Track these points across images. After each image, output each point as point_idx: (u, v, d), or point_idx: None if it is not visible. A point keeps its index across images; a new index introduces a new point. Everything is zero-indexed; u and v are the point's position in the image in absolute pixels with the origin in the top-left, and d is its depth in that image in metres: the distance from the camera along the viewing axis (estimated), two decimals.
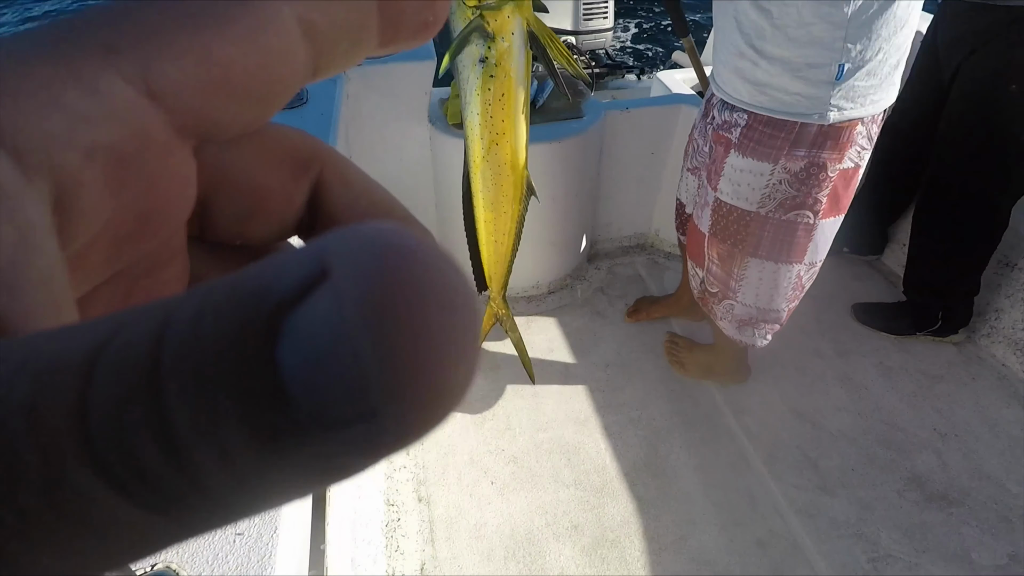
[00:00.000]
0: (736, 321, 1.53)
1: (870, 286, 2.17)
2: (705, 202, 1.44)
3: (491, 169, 1.00)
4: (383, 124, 1.83)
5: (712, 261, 1.49)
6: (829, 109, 1.17)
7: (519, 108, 0.94)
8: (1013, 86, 1.53)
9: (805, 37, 1.12)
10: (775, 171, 1.27)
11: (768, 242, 1.36)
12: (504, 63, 0.88)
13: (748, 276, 1.43)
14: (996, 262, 1.82)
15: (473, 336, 0.09)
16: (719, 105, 1.35)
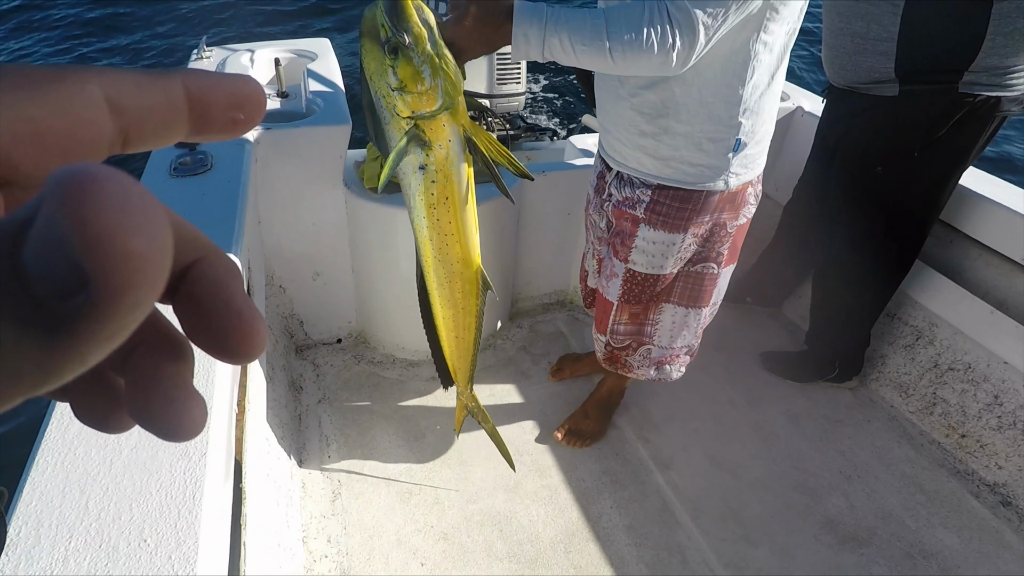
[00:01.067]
0: (654, 363, 1.60)
1: (772, 335, 2.32)
2: (613, 273, 1.50)
3: (444, 268, 1.00)
4: (296, 188, 1.77)
5: (619, 323, 1.55)
6: (729, 176, 1.28)
7: (464, 208, 0.94)
8: (879, 168, 1.72)
9: (705, 114, 1.21)
10: (685, 238, 1.36)
11: (679, 291, 1.46)
12: (444, 168, 0.89)
13: (662, 320, 1.51)
14: (885, 315, 2.00)
15: (149, 216, 0.12)
16: (615, 182, 1.40)
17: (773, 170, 2.40)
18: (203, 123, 0.18)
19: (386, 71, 0.82)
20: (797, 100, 2.28)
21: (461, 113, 0.88)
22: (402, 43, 0.80)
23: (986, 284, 1.82)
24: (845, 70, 1.72)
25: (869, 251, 1.84)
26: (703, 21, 0.98)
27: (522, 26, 0.97)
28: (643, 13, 0.98)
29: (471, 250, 0.99)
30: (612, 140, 1.35)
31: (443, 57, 0.83)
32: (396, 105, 0.84)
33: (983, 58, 1.50)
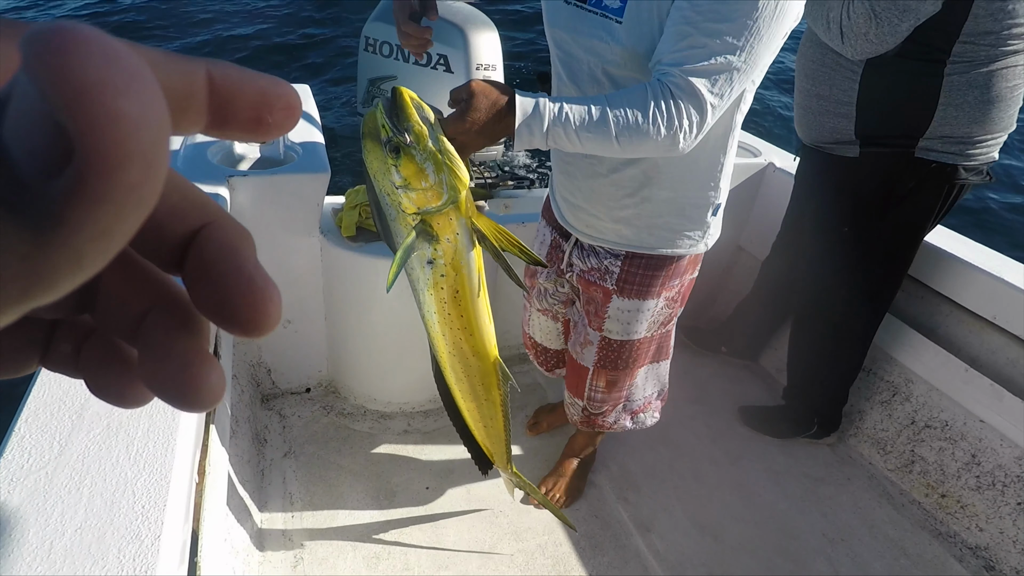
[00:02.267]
0: (628, 415, 1.60)
1: (749, 388, 2.31)
2: (587, 341, 1.48)
3: (460, 363, 0.98)
4: (271, 234, 1.72)
5: (596, 390, 1.53)
6: (708, 238, 1.30)
7: (476, 300, 0.92)
8: (845, 228, 1.76)
9: (690, 181, 1.21)
10: (658, 303, 1.37)
11: (652, 352, 1.50)
12: (453, 261, 0.87)
13: (636, 381, 1.53)
14: (863, 371, 2.01)
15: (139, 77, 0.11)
16: (576, 252, 1.38)
17: (747, 224, 2.45)
18: (224, 116, 0.16)
19: (389, 170, 0.81)
20: (768, 156, 2.34)
21: (467, 205, 0.87)
22: (403, 142, 0.79)
23: (959, 341, 1.84)
24: (812, 129, 1.77)
25: (841, 308, 1.86)
26: (711, 102, 0.97)
27: (525, 119, 0.94)
28: (648, 97, 0.96)
29: (486, 343, 0.96)
30: (582, 215, 1.31)
31: (446, 153, 0.82)
32: (401, 202, 0.82)
33: (936, 127, 1.56)
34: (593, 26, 1.09)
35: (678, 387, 2.29)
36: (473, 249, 0.88)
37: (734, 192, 2.31)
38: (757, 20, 0.94)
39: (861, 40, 1.51)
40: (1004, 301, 1.68)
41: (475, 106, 0.92)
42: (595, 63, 1.12)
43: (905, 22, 1.44)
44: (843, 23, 1.52)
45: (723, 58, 0.94)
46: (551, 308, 1.60)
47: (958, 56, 1.50)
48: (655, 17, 1.02)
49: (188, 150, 1.70)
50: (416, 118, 0.79)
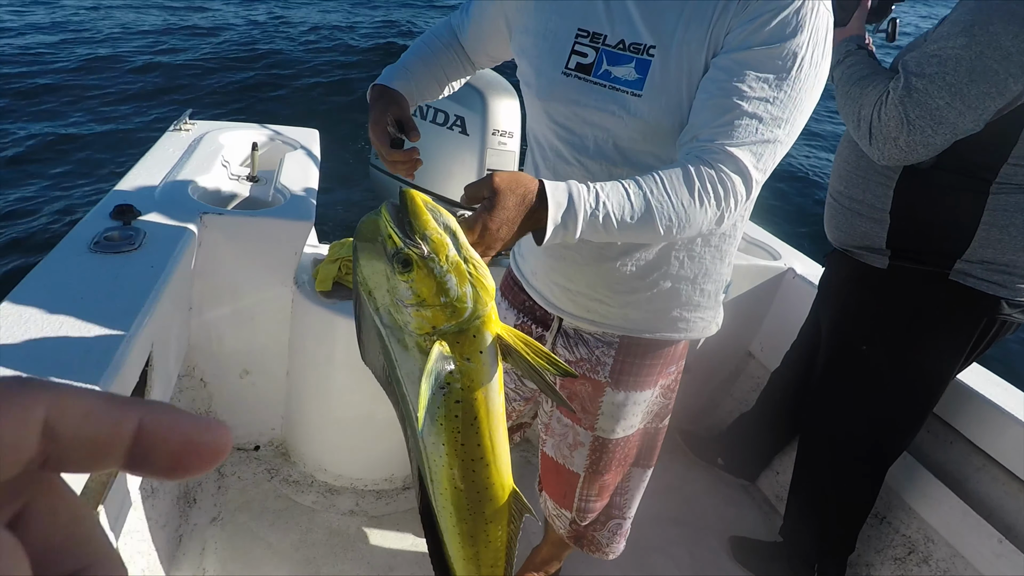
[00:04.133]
0: (623, 534, 1.41)
1: (744, 513, 2.07)
2: (576, 443, 1.29)
3: (468, 499, 0.85)
4: (241, 278, 1.61)
5: (589, 499, 1.34)
6: (718, 318, 1.19)
7: (497, 426, 0.80)
8: (864, 347, 1.57)
9: (709, 259, 1.10)
10: (654, 392, 1.23)
11: (645, 450, 1.32)
12: (473, 385, 0.75)
13: (630, 487, 1.35)
14: (873, 516, 1.77)
15: None
16: (561, 340, 1.21)
17: (760, 329, 2.27)
18: (137, 463, 0.17)
19: (396, 287, 0.70)
20: (789, 260, 2.18)
21: (493, 318, 0.75)
22: (419, 255, 0.68)
23: (991, 501, 1.60)
24: (841, 231, 1.61)
25: (853, 438, 1.65)
26: (756, 178, 0.88)
27: (559, 213, 0.80)
28: (692, 177, 0.85)
29: (504, 472, 0.85)
30: (583, 300, 1.16)
31: (471, 261, 0.71)
32: (411, 323, 0.71)
33: (977, 248, 1.39)
34: (601, 100, 0.97)
35: (665, 500, 2.06)
36: (498, 366, 0.77)
37: (748, 294, 2.14)
38: (800, 91, 0.87)
39: (890, 145, 1.37)
40: None
41: (502, 204, 0.77)
42: (603, 138, 1.00)
43: (939, 136, 1.31)
44: (872, 123, 1.39)
45: (769, 132, 0.86)
46: (508, 404, 1.40)
47: (1006, 178, 1.34)
48: (683, 88, 0.92)
49: (168, 184, 1.62)
50: (434, 226, 0.69)
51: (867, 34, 1.63)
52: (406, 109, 1.06)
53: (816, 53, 0.87)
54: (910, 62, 1.34)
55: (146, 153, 1.82)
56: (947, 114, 1.28)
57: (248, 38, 7.47)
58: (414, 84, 1.14)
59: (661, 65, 0.92)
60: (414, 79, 1.14)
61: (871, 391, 1.59)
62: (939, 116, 1.29)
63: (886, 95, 1.36)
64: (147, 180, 1.62)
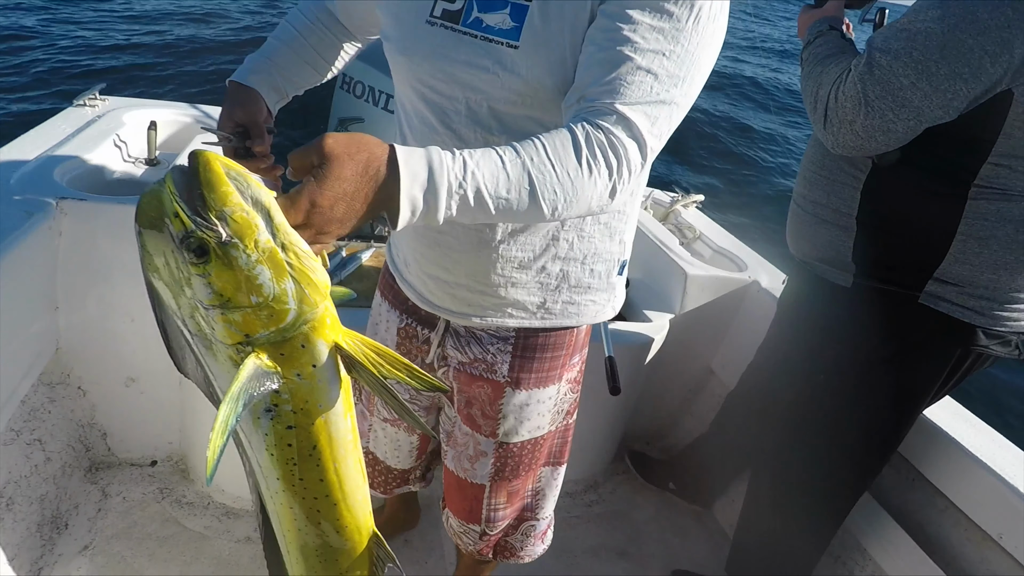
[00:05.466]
0: (539, 538, 1.31)
1: (693, 543, 1.90)
2: (479, 453, 1.16)
3: (316, 546, 0.74)
4: (115, 273, 1.40)
5: (496, 508, 1.22)
6: (615, 301, 1.09)
7: (344, 457, 0.68)
8: (821, 376, 1.39)
9: (599, 238, 0.99)
10: (560, 388, 1.12)
11: (556, 448, 1.22)
12: (308, 407, 0.62)
13: (544, 487, 1.26)
14: (827, 555, 1.60)
15: None
16: (452, 341, 1.08)
17: (721, 345, 2.10)
18: None
19: (190, 281, 0.55)
20: (755, 272, 2.00)
21: (329, 322, 0.60)
22: (215, 239, 0.53)
23: (951, 548, 1.44)
24: (803, 240, 1.42)
25: (807, 475, 1.48)
26: (651, 145, 0.74)
27: (416, 186, 0.61)
28: (579, 142, 0.69)
29: (358, 512, 0.73)
30: (463, 294, 1.01)
31: (291, 249, 0.56)
32: (218, 330, 0.57)
33: (952, 263, 1.20)
34: (472, 53, 0.81)
35: (609, 529, 1.89)
36: (339, 382, 0.64)
37: (709, 306, 1.97)
38: (698, 47, 0.74)
39: (845, 129, 1.18)
40: (1016, 520, 1.29)
41: (335, 174, 0.58)
42: (477, 100, 0.83)
43: (901, 121, 1.12)
44: (829, 104, 1.20)
45: (665, 91, 0.73)
46: (395, 418, 1.25)
47: (986, 180, 1.15)
48: (566, 40, 0.77)
49: (36, 166, 1.42)
50: (236, 200, 0.54)
51: (847, 20, 1.44)
52: (254, 112, 0.90)
53: (715, 5, 0.75)
54: (876, 38, 1.15)
55: (32, 130, 1.62)
56: (911, 95, 1.09)
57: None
58: (278, 75, 0.97)
59: (540, 11, 0.78)
60: (277, 69, 0.97)
61: (830, 425, 1.41)
62: (902, 97, 1.10)
63: (847, 73, 1.17)
64: (15, 159, 1.42)
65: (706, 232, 2.23)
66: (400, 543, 1.67)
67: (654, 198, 2.34)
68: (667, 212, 2.31)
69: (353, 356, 0.62)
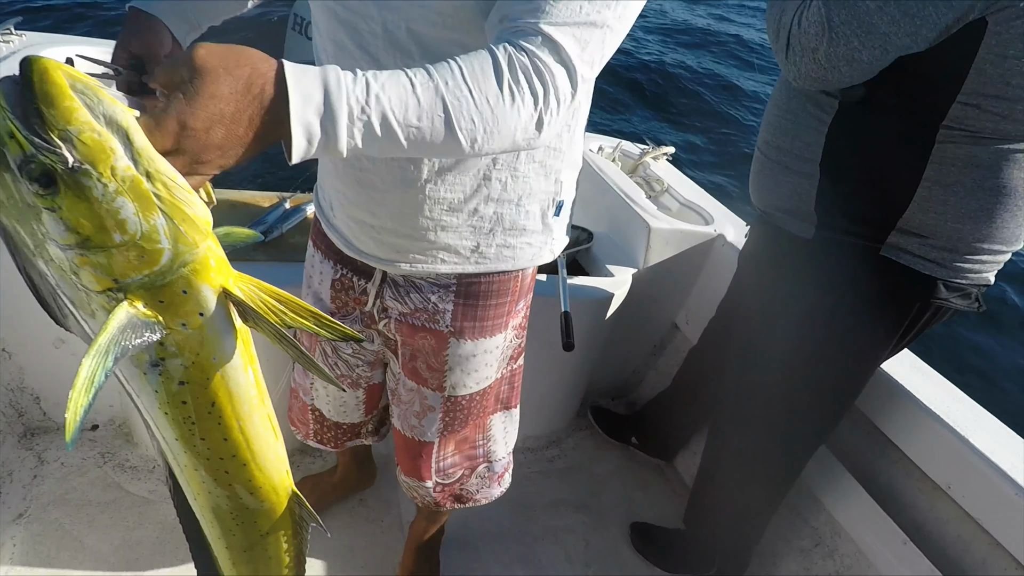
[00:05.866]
0: (495, 479, 1.30)
1: (654, 497, 1.91)
2: (426, 408, 1.14)
3: (229, 508, 0.69)
4: None
5: (445, 458, 1.21)
6: (554, 244, 1.05)
7: (250, 414, 0.63)
8: (778, 332, 1.37)
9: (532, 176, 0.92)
10: (506, 335, 1.09)
11: (504, 393, 1.21)
12: (199, 360, 0.57)
13: (493, 433, 1.24)
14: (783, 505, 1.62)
15: None
16: (390, 292, 1.03)
17: (686, 301, 2.07)
18: None
19: (41, 218, 0.47)
20: (722, 226, 1.95)
21: (214, 264, 0.54)
22: (60, 162, 0.45)
23: (903, 499, 1.46)
24: (766, 189, 1.37)
25: (765, 429, 1.47)
26: (582, 72, 0.66)
27: (310, 110, 0.53)
28: (500, 66, 0.62)
29: (272, 472, 0.69)
30: (391, 240, 0.95)
31: (159, 179, 0.49)
32: (81, 275, 0.50)
33: (916, 212, 1.16)
34: None
35: (569, 483, 1.89)
36: (234, 333, 0.59)
37: (674, 260, 1.92)
38: None
39: (808, 58, 1.12)
40: (964, 471, 1.30)
41: (209, 91, 0.49)
42: (394, 21, 0.76)
43: (867, 49, 1.05)
44: (792, 31, 1.13)
45: (596, 12, 0.66)
46: (350, 373, 1.20)
47: (956, 121, 1.09)
48: None
49: None
50: (84, 118, 0.45)
51: None
52: (153, 43, 0.79)
53: None
54: None
55: None
56: (877, 20, 1.02)
57: None
58: (188, 1, 0.85)
59: None
60: None
61: (788, 379, 1.40)
62: (868, 23, 1.03)
63: None
64: None
65: (674, 185, 2.16)
66: (355, 502, 1.64)
67: (622, 150, 2.26)
68: (636, 164, 2.23)
69: (246, 303, 0.57)
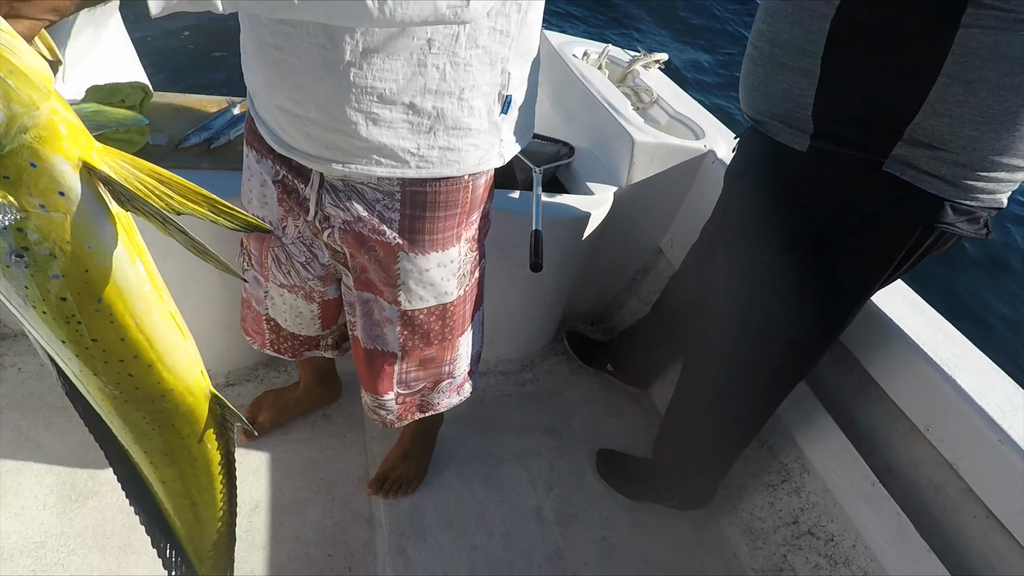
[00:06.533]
0: (456, 390, 1.30)
1: (626, 425, 1.88)
2: (384, 319, 1.10)
3: (139, 410, 0.64)
4: None
5: (408, 372, 1.19)
6: (503, 147, 0.95)
7: (147, 310, 0.58)
8: (765, 258, 1.26)
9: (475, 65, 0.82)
10: (461, 249, 1.04)
11: (470, 311, 1.16)
12: (73, 248, 0.50)
13: (461, 351, 1.21)
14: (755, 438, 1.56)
15: None
16: (330, 198, 0.95)
17: (672, 223, 1.95)
18: None
19: None
20: (713, 141, 1.80)
21: (65, 132, 0.48)
22: None
23: (878, 438, 1.39)
24: (757, 90, 1.21)
25: (745, 360, 1.39)
26: None
27: None
28: None
29: (184, 373, 0.65)
30: (318, 133, 0.86)
31: None
32: None
33: (928, 116, 1.00)
34: None
35: (541, 407, 1.86)
36: (110, 218, 0.53)
37: (660, 178, 1.79)
38: None
39: None
40: (945, 412, 1.21)
41: None
42: None
43: None
44: None
45: None
46: (303, 284, 1.14)
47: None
48: None
49: None
50: None
51: None
52: None
53: None
54: None
55: None
56: None
57: None
58: None
59: None
60: None
61: (771, 309, 1.30)
62: None
63: None
64: None
65: (665, 96, 1.99)
66: (319, 417, 1.63)
67: (610, 56, 2.07)
68: (625, 73, 2.05)
69: (115, 180, 0.50)
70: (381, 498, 1.45)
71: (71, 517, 1.29)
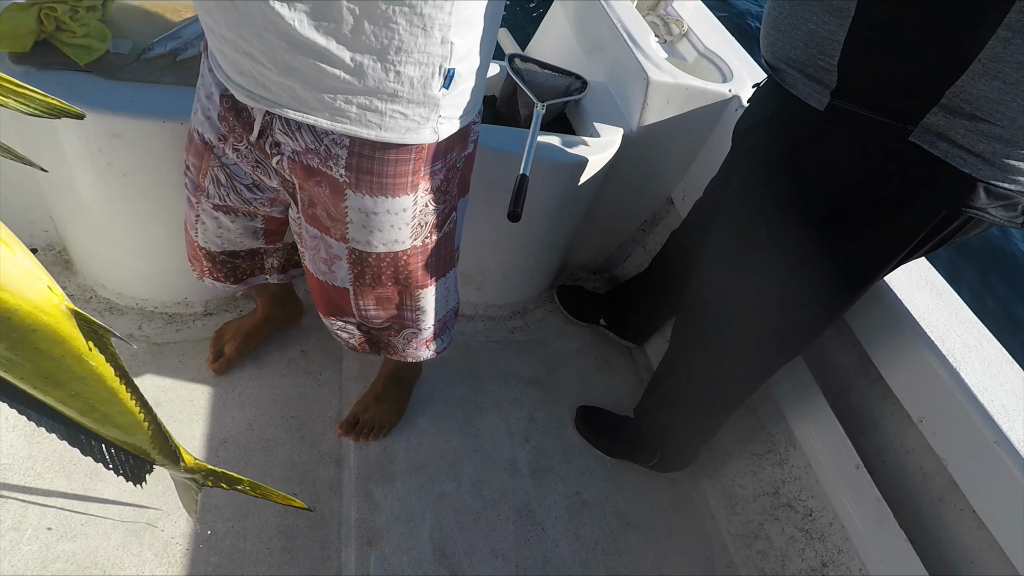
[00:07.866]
0: (423, 343, 1.28)
1: (616, 380, 1.82)
2: (332, 256, 1.05)
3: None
4: None
5: (367, 309, 1.16)
6: (439, 123, 0.87)
7: None
8: (762, 229, 1.14)
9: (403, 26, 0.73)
10: (417, 199, 0.96)
11: (433, 265, 1.11)
12: None
13: (424, 304, 1.17)
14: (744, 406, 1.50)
15: None
16: (280, 124, 0.87)
17: (687, 172, 1.80)
18: None
19: None
20: (741, 85, 1.63)
21: None
22: None
23: (870, 419, 1.31)
24: (778, 30, 1.04)
25: (741, 332, 1.30)
26: None
27: None
28: None
29: (23, 289, 0.60)
30: (228, 51, 0.80)
31: None
32: None
33: (974, 78, 0.84)
34: None
35: (526, 358, 1.80)
36: None
37: (676, 122, 1.64)
38: None
39: None
40: (942, 407, 1.12)
41: None
42: None
43: None
44: None
45: None
46: (245, 206, 1.10)
47: None
48: None
49: None
50: None
51: None
52: None
53: None
54: None
55: None
56: None
57: None
58: None
59: None
60: None
61: (772, 283, 1.19)
62: None
63: None
64: None
65: (697, 30, 1.79)
66: (296, 353, 1.60)
67: None
68: (657, 0, 1.84)
69: None
70: (352, 440, 1.44)
71: (39, 440, 1.29)
